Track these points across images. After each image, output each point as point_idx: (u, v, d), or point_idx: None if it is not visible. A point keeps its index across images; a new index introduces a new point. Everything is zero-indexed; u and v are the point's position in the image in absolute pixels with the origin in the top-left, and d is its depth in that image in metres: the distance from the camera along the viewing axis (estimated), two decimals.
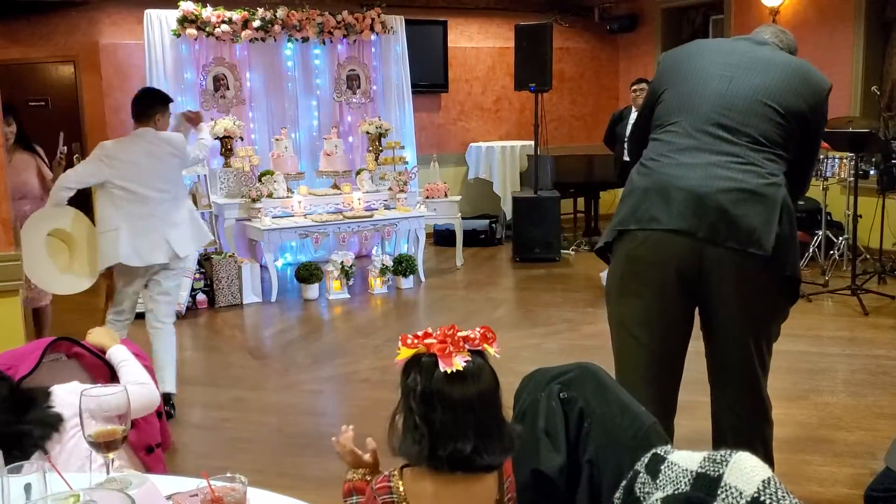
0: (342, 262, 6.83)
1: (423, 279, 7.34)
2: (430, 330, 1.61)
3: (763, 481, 1.12)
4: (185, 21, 7.20)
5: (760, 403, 2.58)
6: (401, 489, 1.59)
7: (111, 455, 1.65)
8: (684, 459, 1.23)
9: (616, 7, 10.16)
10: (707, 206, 2.35)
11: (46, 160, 5.12)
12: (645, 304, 2.49)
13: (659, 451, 1.27)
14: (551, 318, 6.07)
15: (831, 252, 6.93)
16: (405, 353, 1.61)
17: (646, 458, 1.29)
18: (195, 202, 6.94)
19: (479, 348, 1.61)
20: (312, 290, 6.84)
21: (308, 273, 6.80)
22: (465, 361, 1.56)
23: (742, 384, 2.55)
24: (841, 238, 6.97)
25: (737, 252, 2.36)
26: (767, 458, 2.60)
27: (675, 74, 2.61)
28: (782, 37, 2.74)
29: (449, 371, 1.55)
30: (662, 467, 1.25)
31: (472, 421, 1.55)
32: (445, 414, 1.54)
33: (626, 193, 2.55)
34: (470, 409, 1.55)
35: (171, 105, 4.44)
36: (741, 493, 1.12)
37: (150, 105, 4.30)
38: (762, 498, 1.10)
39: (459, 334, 1.60)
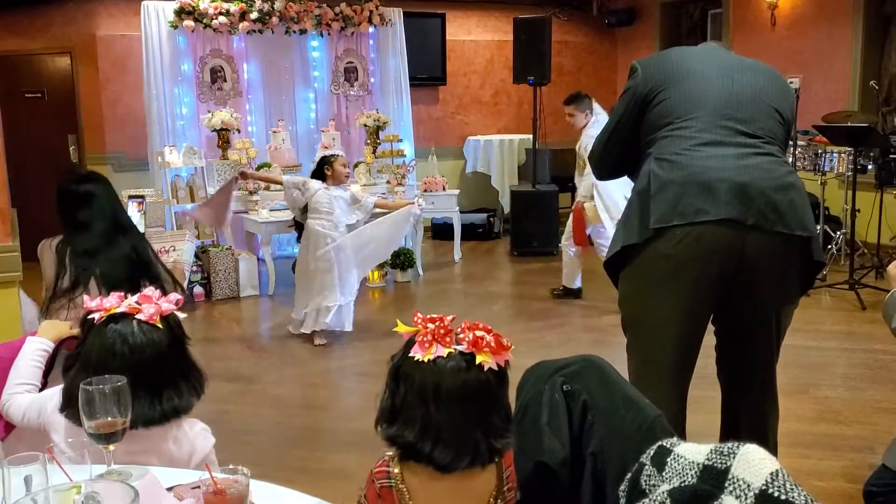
0: None
1: (420, 273, 7.33)
2: (445, 317, 1.61)
3: (771, 473, 1.11)
4: (182, 13, 7.18)
5: (774, 392, 2.64)
6: (398, 475, 1.60)
7: (111, 447, 1.64)
8: (690, 451, 1.22)
9: (615, 1, 10.14)
10: (752, 194, 2.36)
11: None
12: (677, 302, 2.47)
13: (665, 444, 1.26)
14: (549, 311, 6.07)
15: (829, 247, 6.93)
16: (402, 329, 1.65)
17: (651, 451, 1.29)
18: (191, 195, 6.93)
19: (469, 351, 1.57)
20: None
21: None
22: (439, 357, 1.55)
23: (762, 371, 2.59)
24: (839, 233, 6.97)
25: (782, 237, 2.39)
26: (774, 449, 2.62)
27: (668, 77, 2.57)
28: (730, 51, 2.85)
29: (416, 358, 1.56)
30: (668, 459, 1.24)
31: (424, 413, 1.55)
32: (407, 396, 1.58)
33: (656, 189, 2.44)
34: (423, 400, 1.55)
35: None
36: (749, 486, 1.11)
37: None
38: (770, 490, 1.09)
39: (479, 332, 1.57)
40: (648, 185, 2.47)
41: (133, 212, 3.13)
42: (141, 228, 3.19)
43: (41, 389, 2.14)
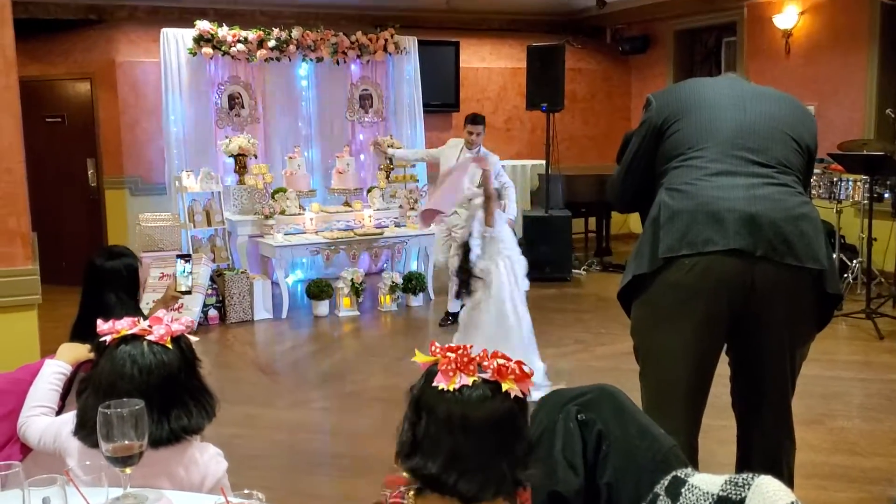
0: (352, 279, 6.84)
1: (432, 297, 7.33)
2: (467, 346, 1.58)
3: None
4: (201, 40, 7.27)
5: (789, 423, 2.60)
6: None
7: (128, 470, 1.65)
8: (705, 482, 1.22)
9: (628, 29, 10.21)
10: (761, 225, 2.35)
11: None
12: (689, 333, 2.46)
13: (679, 474, 1.26)
14: (562, 338, 6.05)
15: (845, 275, 6.89)
16: (420, 358, 1.62)
17: (665, 481, 1.28)
18: (208, 219, 6.99)
19: (494, 379, 1.54)
20: (323, 307, 6.84)
21: (319, 290, 6.81)
22: (464, 385, 1.52)
23: (776, 404, 2.56)
24: (855, 261, 6.93)
25: (792, 269, 2.36)
26: (790, 481, 2.59)
27: (682, 107, 2.59)
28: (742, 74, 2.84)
29: (440, 387, 1.53)
30: (683, 490, 1.24)
31: (450, 444, 1.51)
32: (428, 427, 1.53)
33: (666, 219, 2.45)
34: (449, 431, 1.52)
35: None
36: None
37: None
38: None
39: (501, 360, 1.54)
40: (659, 214, 2.48)
41: (181, 268, 3.13)
42: (187, 286, 3.16)
43: (58, 412, 2.15)
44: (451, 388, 1.51)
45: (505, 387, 1.52)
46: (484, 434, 1.51)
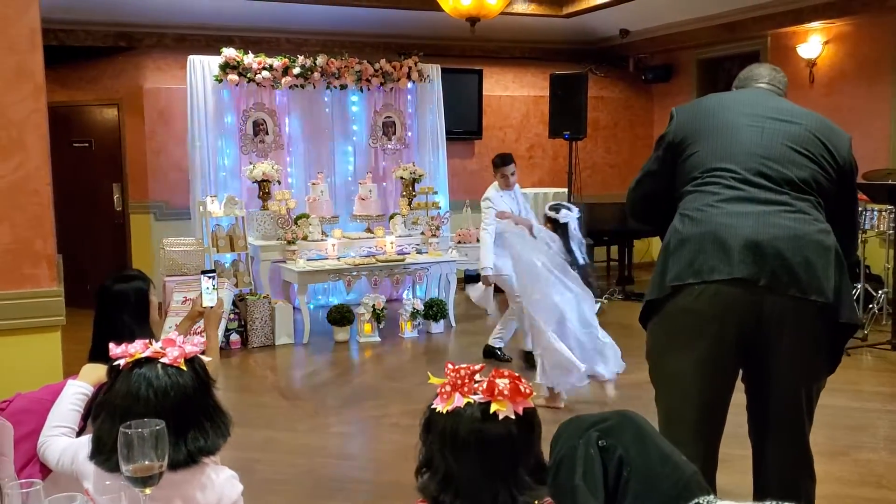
0: (373, 304, 6.85)
1: (453, 324, 7.32)
2: (473, 366, 1.60)
3: None
4: (227, 67, 7.38)
5: (805, 456, 2.54)
6: None
7: (147, 491, 1.65)
8: None
9: (651, 58, 10.23)
10: (766, 254, 2.33)
11: None
12: (699, 358, 2.44)
13: (702, 501, 1.24)
14: None
15: (870, 306, 6.80)
16: (433, 381, 1.65)
17: None
18: (231, 244, 7.05)
19: (487, 399, 1.55)
20: (343, 333, 6.85)
21: (340, 315, 6.83)
22: (457, 407, 1.55)
23: (790, 436, 2.51)
24: (880, 291, 6.84)
25: (797, 300, 2.33)
26: None
27: (700, 128, 2.59)
28: (779, 77, 2.78)
29: (437, 409, 1.57)
30: None
31: (443, 464, 1.55)
32: (433, 446, 1.58)
33: (675, 246, 2.48)
34: (442, 451, 1.55)
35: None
36: None
37: None
38: None
39: (499, 379, 1.55)
40: (669, 241, 2.50)
41: (206, 284, 3.15)
42: (212, 303, 3.19)
43: (80, 433, 2.16)
44: (446, 410, 1.55)
45: (494, 408, 1.53)
46: (473, 456, 1.53)
